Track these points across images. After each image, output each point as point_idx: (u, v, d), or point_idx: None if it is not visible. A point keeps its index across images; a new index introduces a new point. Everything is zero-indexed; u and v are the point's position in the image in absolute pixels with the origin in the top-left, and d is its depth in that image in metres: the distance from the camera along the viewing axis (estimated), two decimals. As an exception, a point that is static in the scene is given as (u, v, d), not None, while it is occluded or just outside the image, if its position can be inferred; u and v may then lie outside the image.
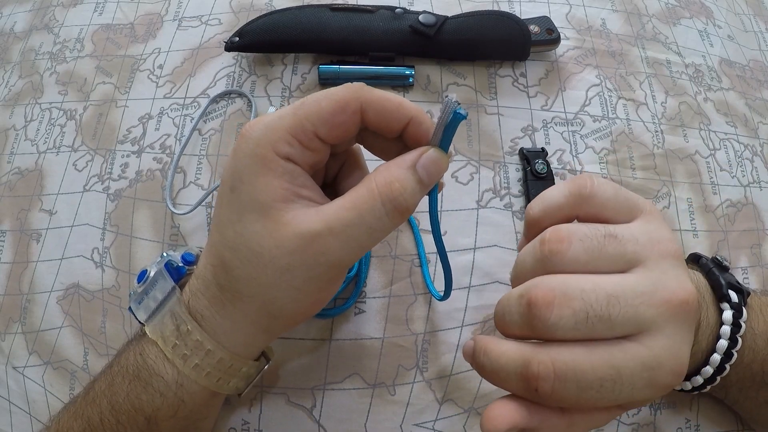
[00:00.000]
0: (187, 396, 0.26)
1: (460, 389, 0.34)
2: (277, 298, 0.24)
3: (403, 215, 0.24)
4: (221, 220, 0.25)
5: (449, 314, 0.35)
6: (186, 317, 0.25)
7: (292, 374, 0.34)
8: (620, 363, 0.22)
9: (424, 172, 0.24)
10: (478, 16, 0.41)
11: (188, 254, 0.29)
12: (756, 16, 0.51)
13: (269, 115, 0.24)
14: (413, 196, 0.24)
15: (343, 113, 0.24)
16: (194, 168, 0.40)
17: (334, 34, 0.40)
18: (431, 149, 0.24)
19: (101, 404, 0.26)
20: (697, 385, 0.29)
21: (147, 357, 0.26)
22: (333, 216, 0.23)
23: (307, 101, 0.24)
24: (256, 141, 0.23)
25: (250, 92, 0.42)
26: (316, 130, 0.24)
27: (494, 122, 0.41)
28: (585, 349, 0.22)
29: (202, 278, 0.26)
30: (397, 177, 0.23)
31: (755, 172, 0.41)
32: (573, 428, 0.23)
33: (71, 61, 0.46)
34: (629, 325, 0.22)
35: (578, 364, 0.22)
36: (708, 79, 0.44)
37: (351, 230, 0.23)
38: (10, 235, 0.40)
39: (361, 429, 0.33)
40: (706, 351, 0.28)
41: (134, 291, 0.28)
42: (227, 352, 0.26)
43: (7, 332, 0.38)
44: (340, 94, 0.24)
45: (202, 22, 0.46)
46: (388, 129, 0.25)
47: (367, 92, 0.24)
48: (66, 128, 0.43)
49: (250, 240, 0.23)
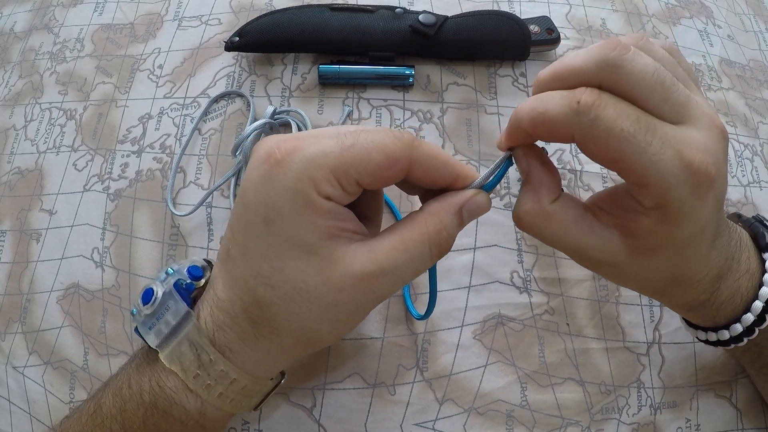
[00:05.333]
0: (209, 422, 0.26)
1: (460, 389, 0.34)
2: (318, 330, 0.24)
3: (441, 257, 0.25)
4: (250, 253, 0.23)
5: (449, 314, 0.35)
6: (208, 348, 0.24)
7: (293, 374, 0.34)
8: (659, 123, 0.22)
9: (467, 215, 0.25)
10: (478, 15, 0.41)
11: (194, 267, 0.27)
12: (756, 16, 0.51)
13: (311, 143, 0.22)
14: (454, 238, 0.25)
15: (391, 169, 0.23)
16: (194, 168, 0.40)
17: (334, 34, 0.40)
18: (480, 194, 0.25)
19: (112, 428, 0.25)
20: (736, 333, 0.28)
21: (165, 386, 0.25)
22: (385, 257, 0.23)
23: (357, 146, 0.22)
24: (296, 175, 0.22)
25: (250, 92, 0.42)
26: (360, 179, 0.23)
27: (494, 122, 0.41)
28: (636, 95, 0.22)
29: (228, 312, 0.24)
30: (446, 225, 0.24)
31: (755, 172, 0.41)
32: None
33: (71, 61, 0.46)
34: (678, 106, 0.22)
35: (620, 101, 0.22)
36: (708, 79, 0.44)
37: (400, 271, 0.23)
38: (10, 235, 0.40)
39: (361, 429, 0.33)
40: (747, 299, 0.27)
41: (139, 311, 0.26)
42: (252, 378, 0.25)
43: (7, 332, 0.38)
44: (392, 148, 0.23)
45: (202, 22, 0.46)
46: (430, 185, 0.25)
47: (417, 150, 0.23)
48: (66, 128, 0.43)
49: (292, 276, 0.23)
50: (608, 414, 0.34)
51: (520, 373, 0.34)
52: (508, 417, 0.34)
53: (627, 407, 0.34)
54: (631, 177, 0.23)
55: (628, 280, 0.27)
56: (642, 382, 0.34)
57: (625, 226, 0.24)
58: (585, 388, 0.34)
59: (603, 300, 0.36)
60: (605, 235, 0.25)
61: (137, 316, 0.26)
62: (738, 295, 0.27)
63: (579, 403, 0.34)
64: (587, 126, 0.22)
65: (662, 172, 0.21)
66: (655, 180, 0.22)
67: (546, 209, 0.25)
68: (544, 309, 0.36)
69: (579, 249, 0.25)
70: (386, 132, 0.23)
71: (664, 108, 0.22)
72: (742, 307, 0.27)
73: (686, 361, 0.35)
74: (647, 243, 0.24)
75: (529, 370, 0.34)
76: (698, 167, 0.21)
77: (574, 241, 0.25)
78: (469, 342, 0.35)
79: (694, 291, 0.26)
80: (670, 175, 0.21)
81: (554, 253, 0.37)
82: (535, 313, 0.35)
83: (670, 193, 0.22)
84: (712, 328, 0.29)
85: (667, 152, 0.21)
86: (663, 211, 0.23)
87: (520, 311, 0.35)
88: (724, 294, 0.27)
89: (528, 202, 0.25)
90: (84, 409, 0.27)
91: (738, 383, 0.35)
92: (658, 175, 0.22)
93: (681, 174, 0.21)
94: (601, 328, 0.35)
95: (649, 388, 0.34)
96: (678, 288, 0.26)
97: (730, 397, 0.35)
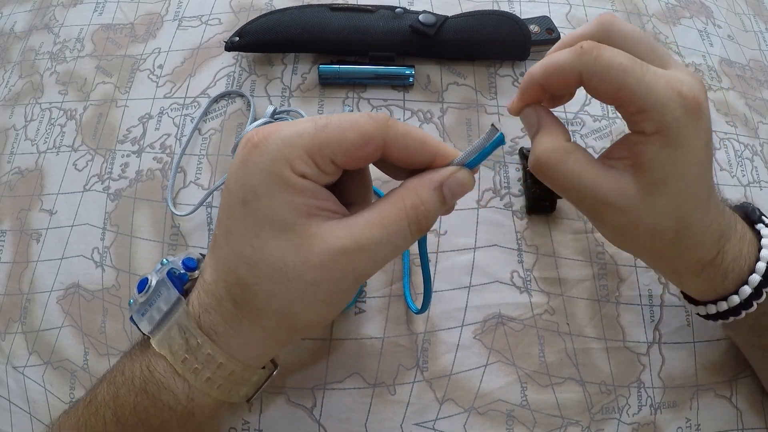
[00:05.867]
0: (197, 408, 0.26)
1: (460, 389, 0.34)
2: (299, 312, 0.24)
3: (422, 234, 0.25)
4: (232, 234, 0.24)
5: (449, 314, 0.35)
6: (196, 331, 0.25)
7: (293, 374, 0.34)
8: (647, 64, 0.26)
9: (449, 192, 0.24)
10: (478, 15, 0.41)
11: (189, 259, 0.28)
12: (756, 16, 0.51)
13: (285, 127, 0.23)
14: (435, 216, 0.25)
15: (365, 148, 0.23)
16: (194, 168, 0.40)
17: (334, 34, 0.40)
18: (461, 171, 0.25)
19: (105, 415, 0.26)
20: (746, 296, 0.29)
21: (154, 371, 0.25)
22: (362, 233, 0.23)
23: (330, 125, 0.23)
24: (272, 155, 0.23)
25: (250, 92, 0.42)
26: (334, 158, 0.23)
27: (494, 122, 0.41)
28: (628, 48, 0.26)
29: (213, 294, 0.25)
30: (424, 200, 0.24)
31: (755, 172, 0.41)
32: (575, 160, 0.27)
33: (71, 61, 0.46)
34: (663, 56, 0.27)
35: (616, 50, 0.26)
36: (708, 79, 0.44)
37: (379, 247, 0.23)
38: (10, 235, 0.40)
39: (362, 429, 0.33)
40: (750, 263, 0.29)
41: (135, 300, 0.27)
42: (239, 363, 0.25)
43: (7, 332, 0.38)
44: (366, 127, 0.23)
45: (202, 21, 0.46)
46: (409, 165, 0.25)
47: (392, 128, 0.24)
48: (66, 128, 0.43)
49: (271, 255, 0.23)
50: (608, 414, 0.34)
51: (520, 372, 0.34)
52: (509, 417, 0.34)
53: (627, 407, 0.34)
54: (632, 105, 0.26)
55: (638, 233, 0.27)
56: (642, 382, 0.34)
57: (634, 163, 0.26)
58: (585, 388, 0.34)
59: (603, 300, 0.36)
60: (617, 174, 0.27)
61: (133, 306, 0.27)
62: (741, 259, 0.28)
63: (579, 403, 0.34)
64: (591, 63, 0.25)
65: (658, 96, 0.25)
66: (653, 103, 0.25)
67: (564, 145, 0.27)
68: (544, 309, 0.36)
69: (594, 189, 0.27)
70: (361, 114, 0.24)
71: (652, 56, 0.27)
72: (747, 270, 0.29)
73: (686, 361, 0.35)
74: (655, 175, 0.26)
75: (529, 370, 0.34)
76: (687, 93, 0.25)
77: (590, 181, 0.27)
78: (469, 342, 0.35)
79: (702, 247, 0.28)
80: (665, 98, 0.25)
81: (554, 252, 0.37)
82: (535, 313, 0.35)
83: (667, 114, 0.25)
84: (722, 296, 0.30)
85: (660, 81, 0.25)
86: (664, 134, 0.25)
87: (520, 311, 0.35)
88: (729, 255, 0.28)
89: (545, 141, 0.27)
90: (80, 401, 0.28)
91: (738, 383, 0.35)
92: (655, 98, 0.25)
93: (674, 97, 0.25)
94: (601, 327, 0.35)
95: (649, 388, 0.34)
96: (687, 240, 0.27)
97: (730, 397, 0.35)
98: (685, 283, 0.30)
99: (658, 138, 0.25)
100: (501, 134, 0.25)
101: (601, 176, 0.27)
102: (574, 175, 0.27)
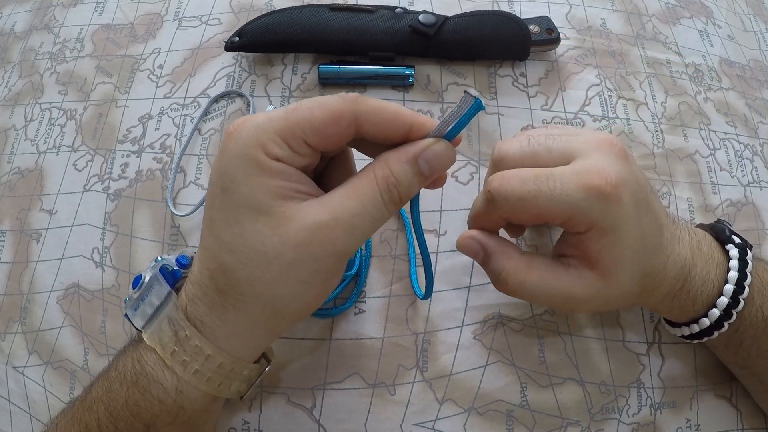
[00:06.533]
0: (187, 402, 0.26)
1: (460, 389, 0.34)
2: (282, 296, 0.24)
3: (398, 206, 0.25)
4: (214, 223, 0.24)
5: (449, 314, 0.35)
6: (184, 323, 0.25)
7: (292, 374, 0.34)
8: (553, 170, 0.26)
9: (426, 165, 0.24)
10: (478, 15, 0.41)
11: (182, 257, 0.29)
12: (756, 16, 0.51)
13: (259, 115, 0.24)
14: (410, 189, 0.25)
15: (336, 125, 0.24)
16: (194, 168, 0.40)
17: (334, 34, 0.40)
18: (438, 143, 0.25)
19: (99, 410, 0.26)
20: (715, 318, 0.29)
21: (145, 364, 0.26)
22: (337, 206, 0.23)
23: (300, 107, 0.24)
24: (245, 141, 0.23)
25: (250, 92, 0.42)
26: (306, 138, 0.23)
27: (494, 122, 0.41)
28: (526, 166, 0.28)
29: (199, 284, 0.25)
30: (394, 171, 0.24)
31: (755, 172, 0.41)
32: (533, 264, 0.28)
33: (71, 61, 0.46)
34: (561, 150, 0.27)
35: (518, 171, 0.27)
36: (708, 79, 0.44)
37: (355, 219, 0.24)
38: (10, 235, 0.40)
39: (361, 429, 0.33)
40: (719, 286, 0.29)
41: (130, 297, 0.28)
42: (227, 356, 0.25)
43: (7, 332, 0.38)
44: (334, 105, 0.23)
45: (202, 22, 0.46)
46: (386, 139, 0.25)
47: (362, 104, 0.24)
48: (66, 128, 0.43)
49: (250, 239, 0.23)
50: (608, 414, 0.34)
51: (520, 373, 0.34)
52: (508, 417, 0.34)
53: (627, 407, 0.34)
54: (557, 219, 0.27)
55: (613, 301, 0.29)
56: (642, 382, 0.34)
57: (585, 258, 0.28)
58: (585, 388, 0.34)
59: (603, 300, 0.36)
60: (576, 272, 0.28)
61: (128, 302, 0.28)
62: (709, 283, 0.29)
63: (579, 403, 0.34)
64: (503, 203, 0.27)
65: (574, 201, 0.25)
66: (574, 210, 0.26)
67: (521, 260, 0.29)
68: (544, 309, 0.35)
69: (562, 290, 0.28)
70: (331, 95, 0.24)
71: (551, 157, 0.27)
72: (715, 293, 0.29)
73: (686, 361, 0.35)
74: (607, 262, 0.27)
75: (529, 370, 0.34)
76: (599, 183, 0.25)
77: (556, 286, 0.28)
78: (469, 342, 0.35)
79: (667, 281, 0.29)
80: (582, 201, 0.25)
81: (554, 253, 0.37)
82: (535, 313, 0.35)
83: (590, 213, 0.26)
84: (693, 320, 0.30)
85: (569, 186, 0.26)
86: (597, 228, 0.26)
87: (520, 311, 0.35)
88: (697, 280, 0.29)
89: (501, 264, 0.29)
90: (77, 399, 0.28)
91: (738, 384, 0.35)
92: (573, 205, 0.26)
93: (590, 195, 0.25)
94: (601, 328, 0.35)
95: (649, 388, 0.34)
96: (652, 281, 0.28)
97: (730, 397, 0.35)
98: (660, 309, 0.31)
99: (593, 233, 0.26)
100: (478, 99, 0.24)
101: (564, 278, 0.28)
102: (541, 285, 0.28)
